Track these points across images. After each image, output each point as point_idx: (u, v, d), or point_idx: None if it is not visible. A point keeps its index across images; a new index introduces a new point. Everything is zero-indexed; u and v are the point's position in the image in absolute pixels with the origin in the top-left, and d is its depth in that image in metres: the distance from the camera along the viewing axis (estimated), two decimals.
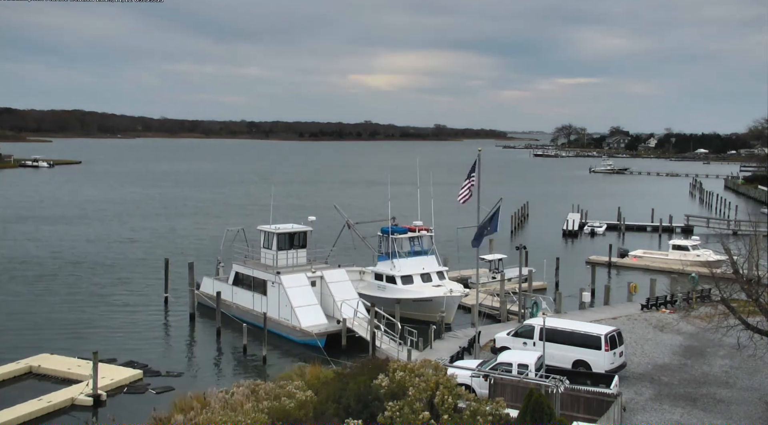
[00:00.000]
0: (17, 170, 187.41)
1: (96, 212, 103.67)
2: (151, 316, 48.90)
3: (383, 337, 40.26)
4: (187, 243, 77.94)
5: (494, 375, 27.93)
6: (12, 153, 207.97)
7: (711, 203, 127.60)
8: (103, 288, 56.19)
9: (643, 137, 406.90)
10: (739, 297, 31.62)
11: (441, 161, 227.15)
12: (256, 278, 46.48)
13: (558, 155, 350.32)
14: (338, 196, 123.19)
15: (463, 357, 35.47)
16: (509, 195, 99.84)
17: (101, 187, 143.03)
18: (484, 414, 22.36)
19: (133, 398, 33.43)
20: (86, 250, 72.37)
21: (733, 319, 30.32)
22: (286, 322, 43.26)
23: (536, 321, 34.66)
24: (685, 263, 57.81)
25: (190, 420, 24.45)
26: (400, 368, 25.09)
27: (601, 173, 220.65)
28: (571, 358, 32.49)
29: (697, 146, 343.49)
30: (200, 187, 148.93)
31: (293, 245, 47.35)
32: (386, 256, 48.76)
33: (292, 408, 23.52)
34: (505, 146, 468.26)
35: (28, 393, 32.92)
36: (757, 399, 30.18)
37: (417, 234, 50.16)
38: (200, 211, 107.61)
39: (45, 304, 50.79)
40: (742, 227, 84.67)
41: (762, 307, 29.49)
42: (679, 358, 35.94)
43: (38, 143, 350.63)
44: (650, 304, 46.67)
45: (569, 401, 25.91)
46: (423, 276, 48.02)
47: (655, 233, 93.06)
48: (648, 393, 30.79)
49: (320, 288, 45.21)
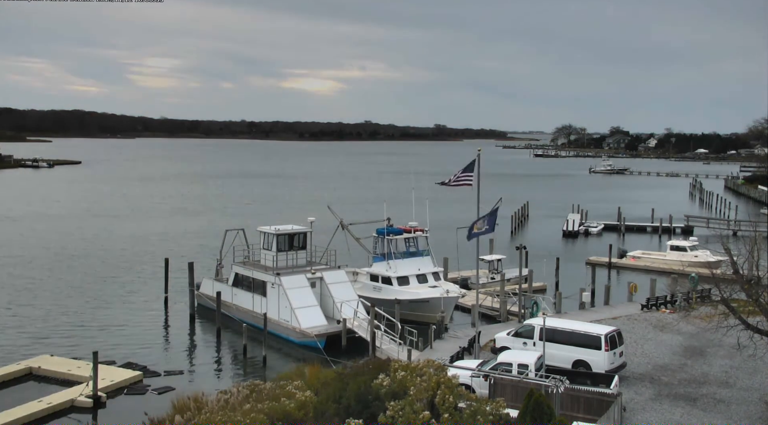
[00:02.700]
0: (17, 170, 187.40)
1: (95, 212, 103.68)
2: (151, 317, 48.89)
3: (383, 337, 40.26)
4: (186, 244, 77.91)
5: (494, 375, 27.92)
6: (12, 153, 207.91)
7: (711, 204, 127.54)
8: (103, 289, 56.17)
9: (643, 137, 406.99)
10: (739, 297, 31.65)
11: (441, 162, 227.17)
12: (255, 279, 46.47)
13: (558, 155, 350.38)
14: (335, 197, 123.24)
15: (463, 357, 35.46)
16: (509, 195, 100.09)
17: (101, 187, 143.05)
18: (485, 414, 22.35)
19: (133, 399, 33.40)
20: (86, 250, 72.35)
21: (733, 319, 30.32)
22: (286, 323, 43.25)
23: (536, 321, 34.64)
24: (684, 264, 57.80)
25: (189, 420, 24.47)
26: (401, 368, 25.09)
27: (601, 173, 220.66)
28: (571, 358, 32.48)
29: (697, 146, 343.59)
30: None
31: (293, 247, 47.35)
32: (382, 257, 48.70)
33: (291, 409, 23.50)
34: (505, 146, 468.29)
35: (28, 395, 32.94)
36: (757, 399, 30.17)
37: (412, 235, 50.14)
38: (201, 212, 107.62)
39: (45, 305, 50.75)
40: (742, 227, 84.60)
41: (762, 307, 29.49)
42: (679, 358, 35.94)
43: (38, 143, 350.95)
44: (650, 304, 46.66)
45: (569, 401, 25.91)
46: (419, 277, 47.93)
47: (655, 233, 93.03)
48: (648, 393, 30.78)
49: (320, 289, 45.20)
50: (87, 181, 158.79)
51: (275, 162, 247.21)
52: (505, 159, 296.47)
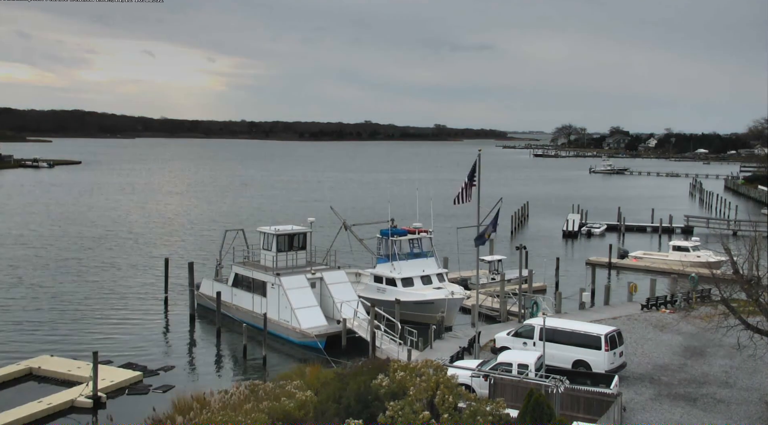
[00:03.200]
0: (17, 170, 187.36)
1: (95, 212, 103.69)
2: (151, 317, 48.88)
3: (383, 337, 40.23)
4: (186, 244, 77.93)
5: (494, 375, 27.92)
6: (12, 153, 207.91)
7: (711, 204, 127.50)
8: (103, 289, 56.16)
9: (643, 137, 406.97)
10: (739, 297, 31.65)
11: (441, 162, 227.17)
12: (255, 279, 46.44)
13: (558, 155, 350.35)
14: (335, 197, 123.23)
15: (463, 357, 35.45)
16: (509, 195, 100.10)
17: (102, 188, 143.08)
18: (484, 414, 22.35)
19: (134, 399, 33.41)
20: (86, 251, 72.37)
21: (733, 319, 30.33)
22: (286, 324, 43.23)
23: (536, 321, 34.64)
24: (685, 264, 57.77)
25: (190, 420, 24.45)
26: (400, 368, 25.08)
27: (601, 174, 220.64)
28: (571, 358, 32.47)
29: (697, 146, 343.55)
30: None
31: (293, 247, 47.31)
32: (386, 258, 48.55)
33: (291, 409, 23.51)
34: (505, 146, 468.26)
35: (28, 395, 32.92)
36: (757, 399, 30.17)
37: (416, 236, 49.96)
38: (201, 212, 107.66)
39: (45, 306, 50.77)
40: (742, 227, 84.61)
41: (762, 307, 29.49)
42: (679, 358, 35.93)
43: (38, 143, 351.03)
44: (650, 304, 46.64)
45: (569, 401, 25.90)
46: (423, 278, 47.72)
47: (655, 233, 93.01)
48: (648, 393, 30.77)
49: (320, 290, 45.17)
50: (86, 181, 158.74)
51: (279, 163, 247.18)
52: (505, 159, 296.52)
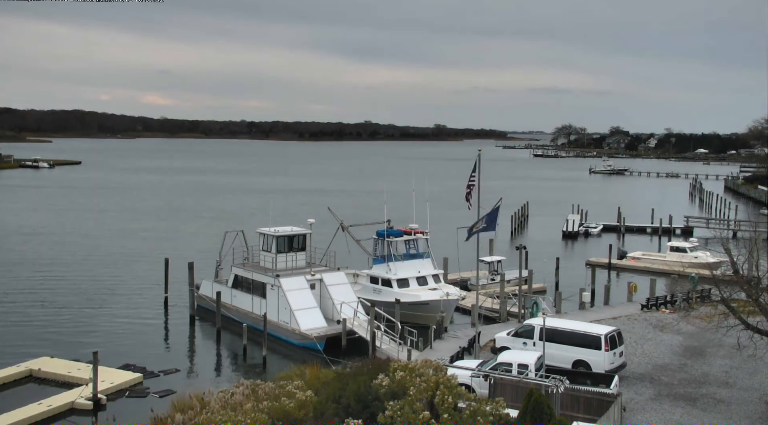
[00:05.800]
0: (17, 170, 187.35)
1: (95, 213, 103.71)
2: (151, 317, 48.89)
3: (383, 337, 40.24)
4: (186, 244, 77.86)
5: (494, 375, 27.93)
6: (12, 153, 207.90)
7: (711, 204, 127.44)
8: (102, 290, 56.12)
9: (643, 137, 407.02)
10: (739, 297, 31.66)
11: (441, 162, 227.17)
12: (255, 281, 46.44)
13: (558, 155, 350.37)
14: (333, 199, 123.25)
15: (463, 357, 35.48)
16: (510, 195, 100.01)
17: (102, 189, 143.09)
18: (484, 414, 22.36)
19: (134, 401, 33.39)
20: (86, 251, 72.37)
21: (733, 319, 30.37)
22: (286, 325, 43.21)
23: (536, 321, 34.66)
24: (684, 265, 57.82)
25: (190, 419, 24.50)
26: (400, 368, 25.08)
27: (601, 174, 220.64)
28: (571, 358, 32.49)
29: (697, 146, 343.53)
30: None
31: (292, 248, 47.31)
32: (382, 259, 48.59)
33: (292, 408, 23.53)
34: (505, 146, 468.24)
35: (28, 397, 32.85)
36: (757, 399, 30.18)
37: (413, 237, 50.00)
38: (201, 212, 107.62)
39: (45, 307, 50.72)
40: (742, 227, 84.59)
41: (762, 307, 29.52)
42: (679, 358, 35.95)
43: (38, 143, 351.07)
44: (650, 304, 46.67)
45: (569, 401, 25.92)
46: (419, 279, 47.76)
47: (654, 234, 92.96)
48: (648, 393, 30.79)
49: (320, 291, 45.17)
50: (87, 181, 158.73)
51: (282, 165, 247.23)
52: (505, 159, 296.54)
